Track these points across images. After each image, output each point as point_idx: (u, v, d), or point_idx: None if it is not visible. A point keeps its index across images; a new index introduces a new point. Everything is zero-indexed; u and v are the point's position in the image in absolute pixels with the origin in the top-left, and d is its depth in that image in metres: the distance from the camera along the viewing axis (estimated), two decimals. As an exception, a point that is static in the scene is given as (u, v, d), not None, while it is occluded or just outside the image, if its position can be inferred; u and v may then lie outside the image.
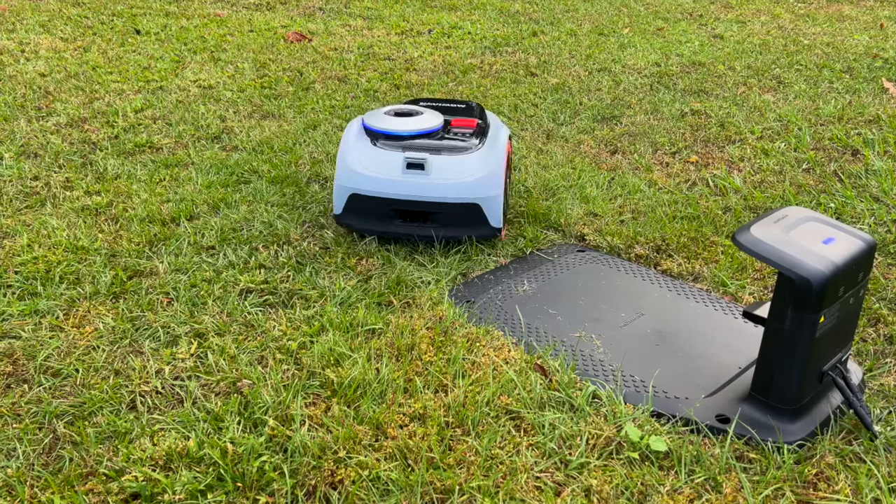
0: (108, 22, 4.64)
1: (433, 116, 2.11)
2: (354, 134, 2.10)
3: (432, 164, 1.97)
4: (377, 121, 2.08)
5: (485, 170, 1.98)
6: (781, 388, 1.40)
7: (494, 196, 1.99)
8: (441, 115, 2.13)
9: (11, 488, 1.28)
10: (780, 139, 2.96)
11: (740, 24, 5.08)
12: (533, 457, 1.35)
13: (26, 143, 2.77)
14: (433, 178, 1.97)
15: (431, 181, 1.97)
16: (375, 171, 2.00)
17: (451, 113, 2.20)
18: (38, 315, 1.76)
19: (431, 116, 2.11)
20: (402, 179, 1.98)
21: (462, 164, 1.98)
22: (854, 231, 1.43)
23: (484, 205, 1.99)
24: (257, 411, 1.44)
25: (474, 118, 2.14)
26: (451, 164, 1.98)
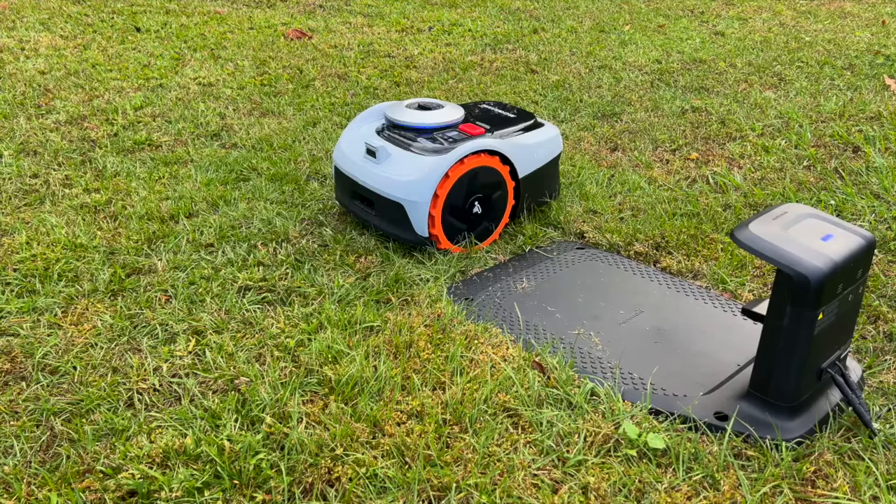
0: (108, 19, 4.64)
1: (440, 115, 2.11)
2: (363, 117, 2.22)
3: (383, 154, 2.02)
4: (390, 110, 2.17)
5: (415, 174, 1.95)
6: (780, 386, 1.40)
7: (417, 202, 1.95)
8: (458, 114, 2.12)
9: (8, 486, 1.28)
10: (780, 136, 2.95)
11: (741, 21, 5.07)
12: (530, 454, 1.35)
13: (26, 140, 2.77)
14: (378, 169, 2.02)
15: (375, 170, 2.03)
16: (349, 150, 2.14)
17: (486, 118, 2.20)
18: (36, 312, 1.76)
19: (437, 115, 2.11)
20: (359, 163, 2.08)
21: (403, 163, 1.99)
22: (853, 228, 1.42)
23: (408, 207, 1.98)
24: (255, 409, 1.44)
25: (483, 127, 2.09)
26: (397, 160, 2.00)
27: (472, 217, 2.07)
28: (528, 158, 2.14)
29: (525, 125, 2.19)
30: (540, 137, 2.19)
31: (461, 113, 2.15)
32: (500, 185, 2.09)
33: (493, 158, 2.03)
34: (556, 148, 2.25)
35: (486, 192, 2.06)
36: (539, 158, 2.18)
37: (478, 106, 2.32)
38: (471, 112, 2.25)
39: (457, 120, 2.11)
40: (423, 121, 2.09)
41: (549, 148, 2.22)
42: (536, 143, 2.17)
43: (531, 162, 2.16)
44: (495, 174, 2.06)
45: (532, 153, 2.16)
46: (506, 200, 2.13)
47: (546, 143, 2.21)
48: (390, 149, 2.03)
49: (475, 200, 2.05)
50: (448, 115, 2.12)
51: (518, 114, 2.26)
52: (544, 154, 2.20)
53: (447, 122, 2.09)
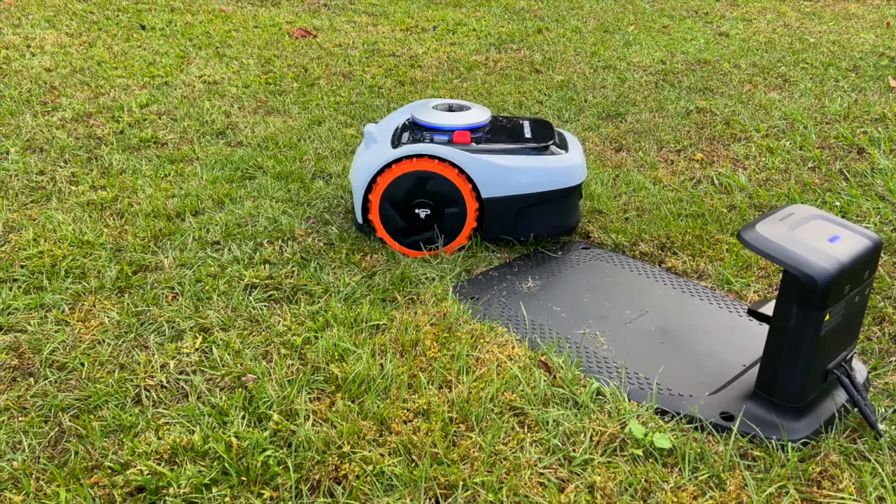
0: (114, 17, 4.65)
1: (450, 118, 2.10)
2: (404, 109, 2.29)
3: (369, 141, 2.09)
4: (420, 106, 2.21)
5: (366, 162, 2.04)
6: (786, 386, 1.40)
7: (357, 187, 2.05)
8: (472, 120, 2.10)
9: (17, 481, 1.29)
10: (785, 137, 2.95)
11: (746, 22, 5.06)
12: (537, 453, 1.36)
13: (32, 137, 2.77)
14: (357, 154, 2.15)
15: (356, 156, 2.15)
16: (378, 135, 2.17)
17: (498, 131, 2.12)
18: (43, 309, 1.76)
19: (448, 117, 2.11)
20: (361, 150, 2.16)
21: (370, 152, 2.07)
22: (860, 229, 1.42)
23: (354, 191, 2.08)
24: (262, 406, 1.45)
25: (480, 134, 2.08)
26: (371, 149, 2.08)
27: (418, 221, 2.02)
28: (498, 181, 1.98)
29: (528, 147, 2.01)
30: (530, 163, 1.98)
31: (478, 119, 2.09)
32: (455, 199, 1.99)
33: (448, 169, 1.96)
34: (558, 181, 2.00)
35: (436, 201, 2.00)
36: (517, 185, 1.98)
37: (511, 119, 2.21)
38: (496, 122, 2.18)
39: (463, 125, 2.07)
40: (429, 119, 2.09)
41: (541, 178, 1.99)
42: (519, 167, 1.97)
43: (503, 186, 1.98)
44: (450, 186, 1.98)
45: (506, 176, 1.97)
46: (463, 218, 2.01)
47: (536, 172, 1.98)
48: (378, 138, 2.08)
49: (422, 205, 2.01)
50: (459, 119, 2.09)
51: (535, 135, 2.08)
52: (528, 182, 1.98)
53: (449, 125, 2.07)
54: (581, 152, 2.11)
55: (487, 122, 2.14)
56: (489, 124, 2.15)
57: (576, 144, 2.15)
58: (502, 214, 2.03)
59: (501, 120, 2.22)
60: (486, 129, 2.12)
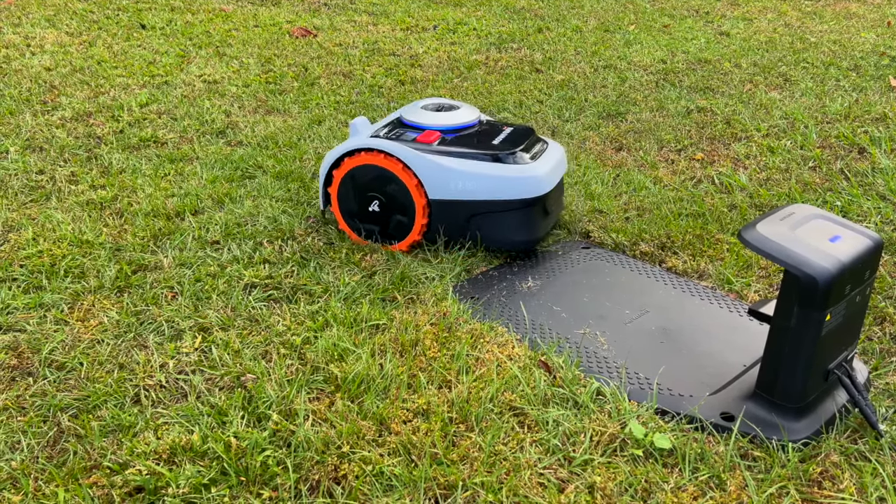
0: (114, 16, 4.64)
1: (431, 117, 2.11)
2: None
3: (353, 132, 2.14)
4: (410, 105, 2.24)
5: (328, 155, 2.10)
6: (786, 386, 1.40)
7: (319, 177, 2.13)
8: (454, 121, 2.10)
9: (16, 481, 1.28)
10: (786, 137, 2.94)
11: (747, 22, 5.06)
12: (536, 453, 1.35)
13: (31, 136, 2.77)
14: None
15: None
16: None
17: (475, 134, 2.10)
18: (42, 308, 1.76)
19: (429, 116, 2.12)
20: None
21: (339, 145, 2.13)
22: (861, 229, 1.42)
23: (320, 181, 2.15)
24: (261, 406, 1.44)
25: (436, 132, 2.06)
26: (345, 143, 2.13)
27: (371, 213, 2.06)
28: (442, 182, 1.96)
29: (485, 153, 1.97)
30: (479, 170, 1.94)
31: (461, 121, 2.09)
32: (403, 196, 1.99)
33: (395, 163, 1.97)
34: (508, 191, 1.95)
35: (385, 195, 2.02)
36: (463, 190, 1.95)
37: (495, 124, 2.17)
38: (480, 125, 2.15)
39: (442, 125, 2.07)
40: (409, 117, 2.11)
41: (489, 186, 1.94)
42: (465, 172, 1.94)
43: (446, 189, 1.96)
44: (396, 181, 1.98)
45: (451, 180, 1.95)
46: (412, 213, 2.00)
47: (484, 179, 1.94)
48: (361, 131, 2.09)
49: (373, 198, 2.03)
50: (440, 119, 2.09)
51: (503, 142, 2.03)
52: (473, 188, 1.95)
53: (426, 125, 2.07)
54: (551, 166, 2.02)
55: (471, 124, 2.12)
56: (473, 126, 2.13)
57: (550, 157, 2.05)
58: (451, 218, 2.01)
59: (486, 123, 2.18)
60: (466, 131, 2.09)
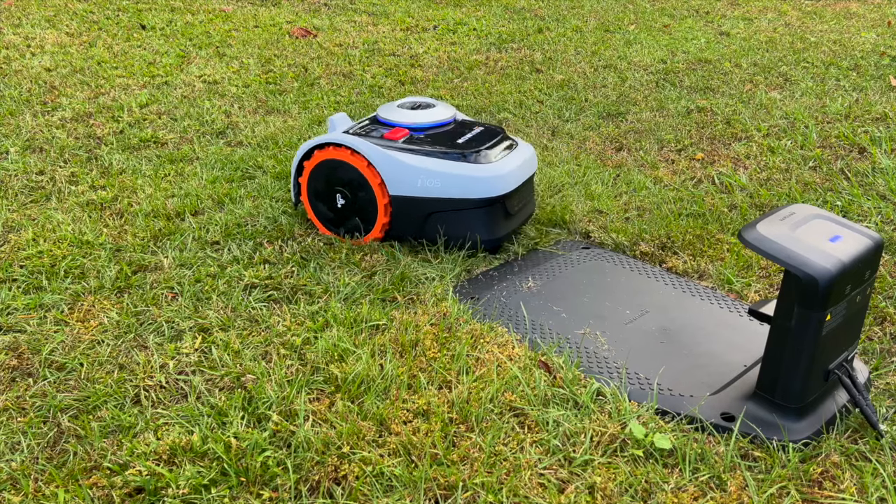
0: (114, 17, 4.64)
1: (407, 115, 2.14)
2: None
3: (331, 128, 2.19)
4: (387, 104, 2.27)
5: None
6: (787, 387, 1.40)
7: (292, 171, 2.18)
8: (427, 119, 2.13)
9: (16, 482, 1.28)
10: (786, 137, 2.94)
11: (747, 22, 5.06)
12: (537, 454, 1.35)
13: (32, 137, 2.77)
14: None
15: None
16: None
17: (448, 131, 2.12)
18: (42, 309, 1.76)
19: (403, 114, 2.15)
20: None
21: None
22: (861, 229, 1.42)
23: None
24: (261, 406, 1.44)
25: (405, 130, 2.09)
26: None
27: (337, 207, 2.10)
28: (402, 178, 1.98)
29: (447, 151, 1.99)
30: (439, 167, 1.96)
31: (434, 119, 2.12)
32: (366, 191, 2.02)
33: (358, 159, 2.00)
34: (467, 190, 1.97)
35: (349, 190, 2.06)
36: (424, 187, 1.98)
37: (468, 123, 2.19)
38: (454, 124, 2.17)
39: (414, 123, 2.10)
40: (384, 114, 2.15)
41: (449, 184, 1.96)
42: (425, 169, 1.96)
43: (407, 186, 1.99)
44: (359, 176, 2.01)
45: (409, 175, 1.97)
46: (374, 209, 2.02)
47: (444, 177, 1.96)
48: (338, 127, 2.15)
49: (338, 193, 2.08)
50: (413, 117, 2.12)
51: (469, 141, 2.05)
52: (434, 186, 1.97)
53: (398, 122, 2.10)
54: (515, 166, 2.03)
55: (443, 123, 2.14)
56: (446, 125, 2.14)
57: (516, 158, 2.06)
58: (411, 214, 2.03)
59: (460, 123, 2.20)
60: (436, 130, 2.11)
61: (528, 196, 2.16)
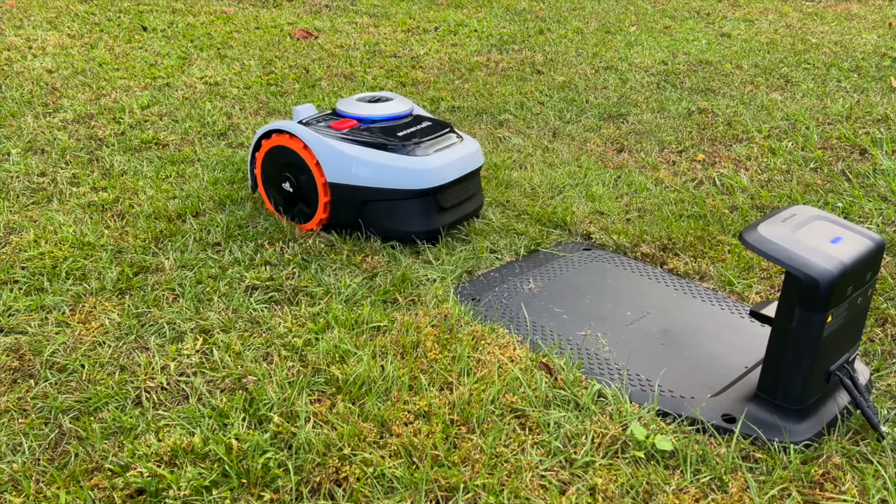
0: (115, 19, 4.65)
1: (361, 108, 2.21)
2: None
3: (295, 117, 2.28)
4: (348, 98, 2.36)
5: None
6: (788, 388, 1.40)
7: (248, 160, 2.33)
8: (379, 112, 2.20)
9: (17, 483, 1.28)
10: (787, 138, 2.94)
11: (748, 23, 5.06)
12: (538, 455, 1.35)
13: (33, 139, 2.77)
14: None
15: None
16: None
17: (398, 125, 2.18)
18: (44, 310, 1.76)
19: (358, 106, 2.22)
20: None
21: None
22: (862, 230, 1.42)
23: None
24: (262, 408, 1.44)
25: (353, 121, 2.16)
26: None
27: (285, 193, 2.19)
28: (338, 166, 2.05)
29: (382, 142, 2.06)
30: (371, 157, 2.03)
31: (387, 112, 2.18)
32: (304, 171, 2.11)
33: (296, 142, 2.10)
34: (396, 181, 2.02)
35: (294, 175, 2.14)
36: (356, 175, 2.04)
37: (421, 119, 2.23)
38: (409, 118, 2.23)
39: (367, 115, 2.17)
40: (341, 106, 2.23)
41: (380, 174, 2.02)
42: (358, 157, 2.03)
43: (343, 174, 2.05)
44: (300, 161, 2.11)
45: (344, 162, 2.04)
46: (316, 193, 2.10)
47: (375, 167, 2.02)
48: (299, 118, 2.23)
49: (286, 178, 2.17)
50: (367, 109, 2.19)
51: (409, 134, 2.11)
52: (366, 175, 2.03)
53: (352, 114, 2.18)
54: (451, 161, 2.07)
55: (395, 116, 2.19)
56: (398, 119, 2.20)
57: (454, 153, 2.09)
58: (348, 202, 2.10)
59: (414, 117, 2.25)
60: (385, 122, 2.18)
61: (470, 191, 2.20)
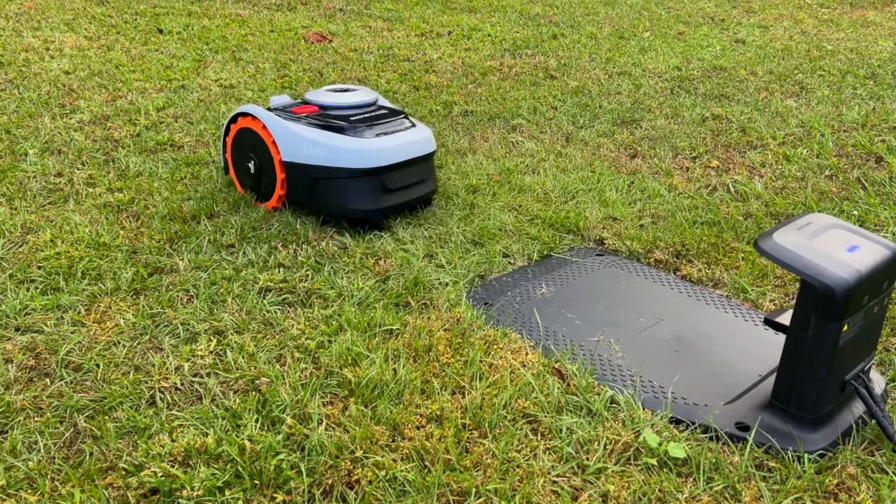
0: (132, 21, 4.69)
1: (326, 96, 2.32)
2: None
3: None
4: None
5: None
6: (803, 397, 1.39)
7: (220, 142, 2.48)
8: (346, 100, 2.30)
9: (32, 481, 1.29)
10: (802, 145, 2.93)
11: (762, 29, 5.04)
12: (550, 461, 1.35)
13: (50, 139, 2.80)
14: None
15: None
16: None
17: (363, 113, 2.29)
18: (60, 310, 1.78)
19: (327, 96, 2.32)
20: None
21: None
22: (879, 239, 1.41)
23: None
24: (275, 409, 1.45)
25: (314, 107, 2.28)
26: None
27: (249, 173, 2.35)
28: (293, 146, 2.19)
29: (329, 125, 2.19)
30: (319, 137, 2.15)
31: (350, 101, 2.28)
32: (265, 154, 2.25)
33: (256, 123, 2.25)
34: (340, 160, 2.13)
35: (257, 155, 2.29)
36: (307, 155, 2.17)
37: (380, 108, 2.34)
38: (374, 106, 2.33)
39: (329, 102, 2.27)
40: (309, 96, 2.34)
41: (325, 153, 2.15)
42: (307, 137, 2.16)
43: (296, 153, 2.18)
44: (260, 140, 2.25)
45: (296, 142, 2.18)
46: (274, 171, 2.24)
47: (322, 146, 2.15)
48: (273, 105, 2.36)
49: (251, 158, 2.32)
50: (331, 98, 2.30)
51: (361, 118, 2.23)
52: (315, 154, 2.16)
53: (316, 101, 2.29)
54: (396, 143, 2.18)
55: (358, 104, 2.29)
56: (361, 107, 2.29)
57: (402, 137, 2.20)
58: (301, 181, 2.22)
59: (375, 107, 2.34)
60: (344, 110, 2.27)
61: (418, 176, 2.27)
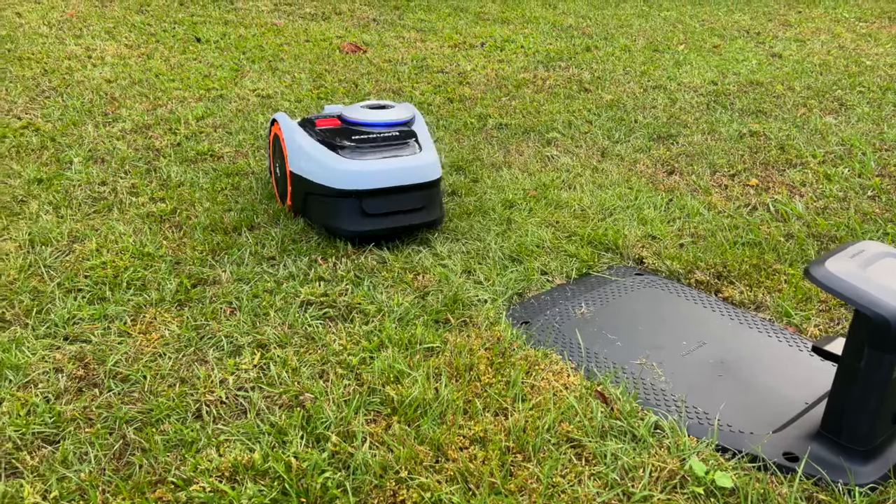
0: (170, 29, 4.77)
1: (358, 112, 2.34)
2: None
3: None
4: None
5: None
6: (854, 428, 1.36)
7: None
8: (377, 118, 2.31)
9: (84, 492, 1.32)
10: (843, 164, 2.88)
11: (799, 43, 4.98)
12: (595, 487, 1.34)
13: (94, 148, 2.85)
14: None
15: None
16: None
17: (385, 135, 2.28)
18: (106, 320, 1.81)
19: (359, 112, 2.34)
20: None
21: None
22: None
23: None
24: (319, 426, 1.46)
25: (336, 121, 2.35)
26: None
27: (278, 177, 2.42)
28: (297, 157, 2.23)
29: (327, 141, 2.19)
30: (313, 152, 2.18)
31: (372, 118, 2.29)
32: (283, 161, 2.32)
33: (276, 128, 2.37)
34: (324, 178, 2.14)
35: (279, 160, 2.38)
36: (302, 168, 2.21)
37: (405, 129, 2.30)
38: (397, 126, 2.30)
39: (359, 119, 2.29)
40: (343, 111, 2.36)
41: (313, 168, 2.16)
42: (304, 150, 2.20)
43: (297, 165, 2.23)
44: (280, 147, 2.35)
45: (297, 154, 2.23)
46: (286, 178, 2.31)
47: (312, 161, 2.16)
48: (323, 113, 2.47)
49: (276, 162, 2.42)
50: (362, 114, 2.32)
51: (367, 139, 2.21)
52: (306, 168, 2.19)
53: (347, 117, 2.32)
54: (385, 168, 2.14)
55: (377, 124, 2.28)
56: (377, 126, 2.28)
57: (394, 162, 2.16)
58: (298, 191, 2.28)
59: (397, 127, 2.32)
60: (367, 128, 2.28)
61: (415, 203, 2.20)
